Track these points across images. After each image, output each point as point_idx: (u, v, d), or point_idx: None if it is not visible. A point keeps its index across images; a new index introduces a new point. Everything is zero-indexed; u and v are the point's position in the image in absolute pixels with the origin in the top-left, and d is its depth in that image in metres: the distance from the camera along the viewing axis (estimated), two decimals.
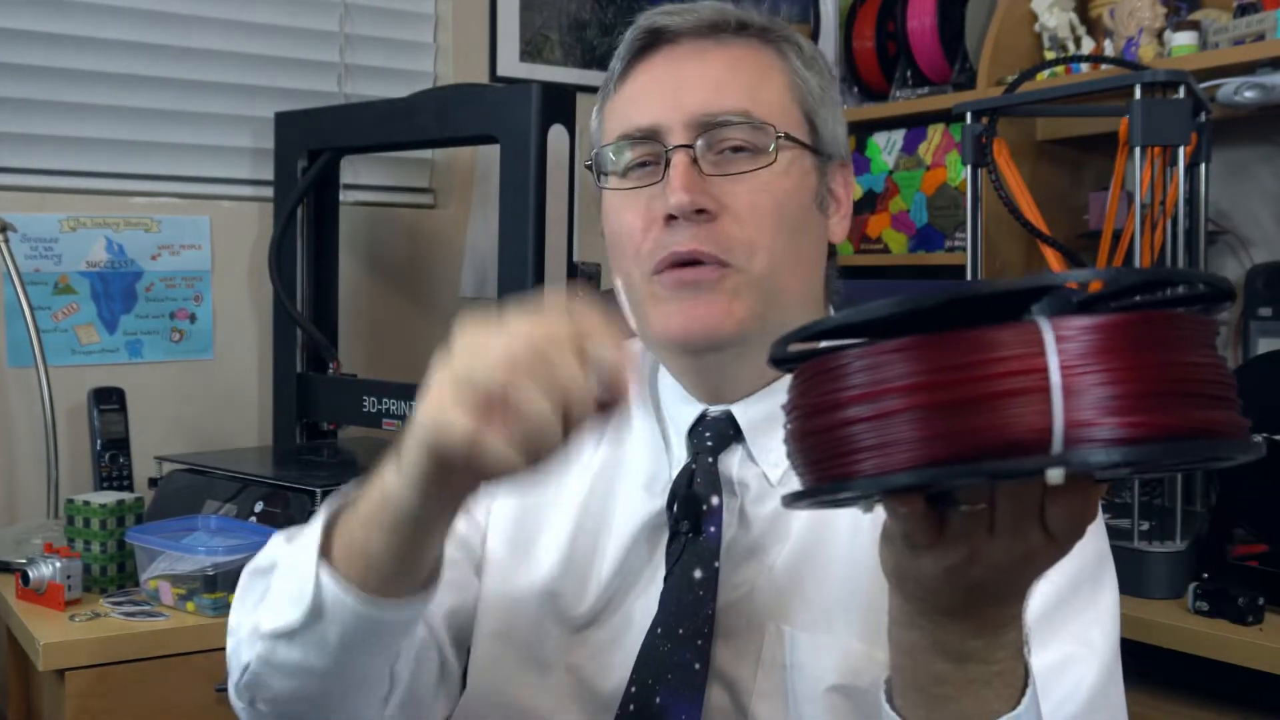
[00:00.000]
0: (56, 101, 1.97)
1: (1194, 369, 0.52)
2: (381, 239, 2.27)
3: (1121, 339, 0.51)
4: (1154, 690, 1.52)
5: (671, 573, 0.94)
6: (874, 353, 0.54)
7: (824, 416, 0.56)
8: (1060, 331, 0.51)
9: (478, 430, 0.65)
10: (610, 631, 0.96)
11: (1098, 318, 0.51)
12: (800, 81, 0.97)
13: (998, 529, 0.60)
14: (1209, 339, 0.54)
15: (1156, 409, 0.50)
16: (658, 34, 0.96)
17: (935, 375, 0.51)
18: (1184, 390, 0.51)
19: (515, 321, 0.67)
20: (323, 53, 2.21)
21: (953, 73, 2.34)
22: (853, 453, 0.54)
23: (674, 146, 0.92)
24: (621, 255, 0.96)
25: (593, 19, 2.46)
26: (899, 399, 0.52)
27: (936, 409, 0.51)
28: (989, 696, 0.69)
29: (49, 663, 1.42)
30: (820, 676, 0.89)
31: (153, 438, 1.97)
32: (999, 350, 0.51)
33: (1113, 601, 0.90)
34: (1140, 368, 0.51)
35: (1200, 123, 1.73)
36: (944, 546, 0.61)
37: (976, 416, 0.50)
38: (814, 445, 0.57)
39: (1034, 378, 0.50)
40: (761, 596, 0.93)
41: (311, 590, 0.78)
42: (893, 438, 0.52)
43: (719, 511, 0.94)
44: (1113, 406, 0.50)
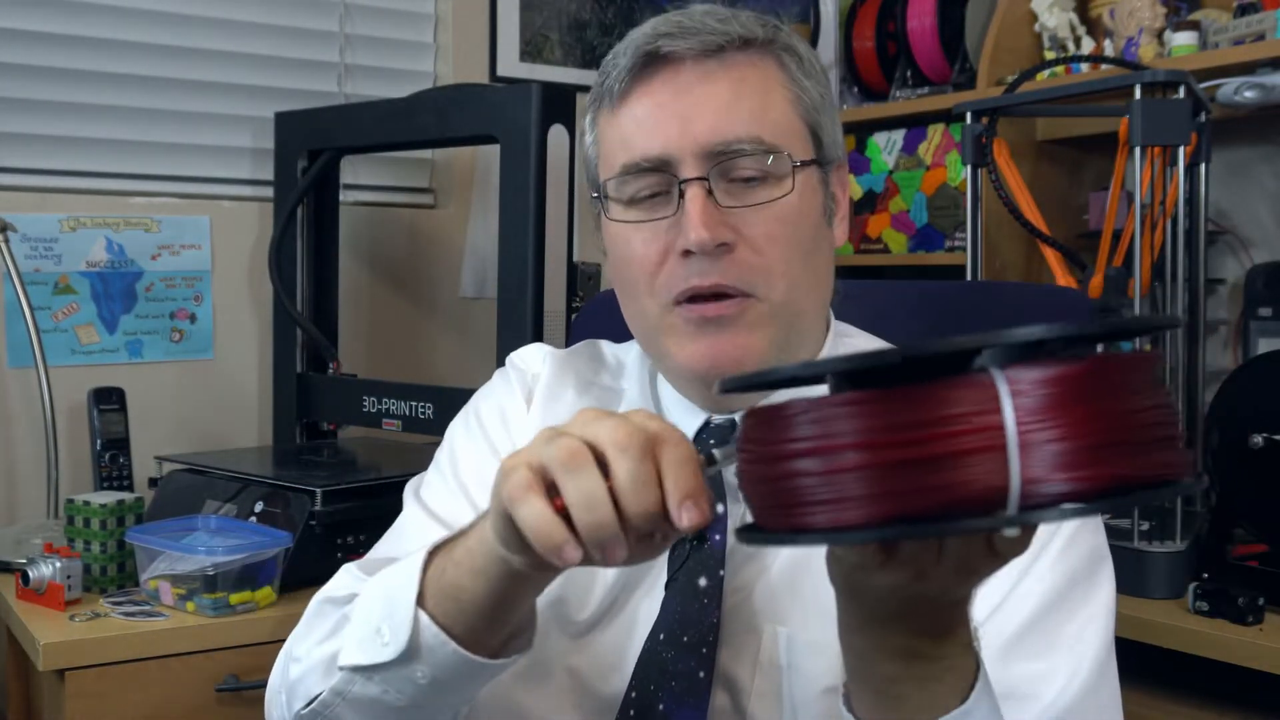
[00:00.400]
0: (56, 101, 1.97)
1: (1142, 414, 0.52)
2: (381, 239, 2.27)
3: (1073, 391, 0.50)
4: (1154, 690, 1.52)
5: (675, 579, 0.94)
6: (828, 404, 0.54)
7: (776, 465, 0.56)
8: (1014, 386, 0.50)
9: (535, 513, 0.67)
10: (612, 635, 0.96)
11: (1049, 369, 0.51)
12: (802, 93, 0.96)
13: (945, 556, 0.61)
14: (1156, 375, 0.54)
15: (1107, 461, 0.50)
16: (659, 57, 0.93)
17: (890, 433, 0.51)
18: (1134, 439, 0.52)
19: (620, 419, 0.68)
20: (323, 53, 2.21)
21: (953, 73, 2.34)
22: (805, 504, 0.54)
23: (688, 179, 0.91)
24: (634, 286, 0.95)
25: (593, 19, 2.46)
26: (853, 455, 0.52)
27: (892, 465, 0.51)
28: (941, 691, 0.69)
29: (49, 663, 1.42)
30: (816, 678, 0.89)
31: (153, 438, 1.97)
32: (954, 407, 0.51)
33: (1108, 599, 0.90)
34: (1091, 419, 0.50)
35: (1200, 123, 1.73)
36: (892, 567, 0.62)
37: (933, 474, 0.50)
38: (766, 491, 0.57)
39: (990, 435, 0.50)
40: (759, 599, 0.93)
41: (409, 631, 0.77)
42: (846, 493, 0.52)
43: (724, 520, 0.94)
44: (1066, 461, 0.50)
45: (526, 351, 1.12)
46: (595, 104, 0.99)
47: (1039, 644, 0.86)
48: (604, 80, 0.97)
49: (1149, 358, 0.54)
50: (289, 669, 0.90)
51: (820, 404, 0.54)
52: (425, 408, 1.81)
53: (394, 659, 0.78)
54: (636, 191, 0.94)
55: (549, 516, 0.66)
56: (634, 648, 0.94)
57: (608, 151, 0.97)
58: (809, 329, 0.95)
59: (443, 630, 0.76)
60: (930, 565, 0.61)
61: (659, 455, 0.66)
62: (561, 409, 1.05)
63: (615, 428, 0.66)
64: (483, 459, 1.04)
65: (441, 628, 0.77)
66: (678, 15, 0.95)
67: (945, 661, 0.68)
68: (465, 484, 1.04)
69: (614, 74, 0.95)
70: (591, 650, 0.96)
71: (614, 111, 0.95)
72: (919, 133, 2.33)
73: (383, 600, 0.80)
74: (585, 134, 1.01)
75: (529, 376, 1.09)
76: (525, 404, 1.07)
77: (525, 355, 1.12)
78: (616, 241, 0.97)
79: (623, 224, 0.95)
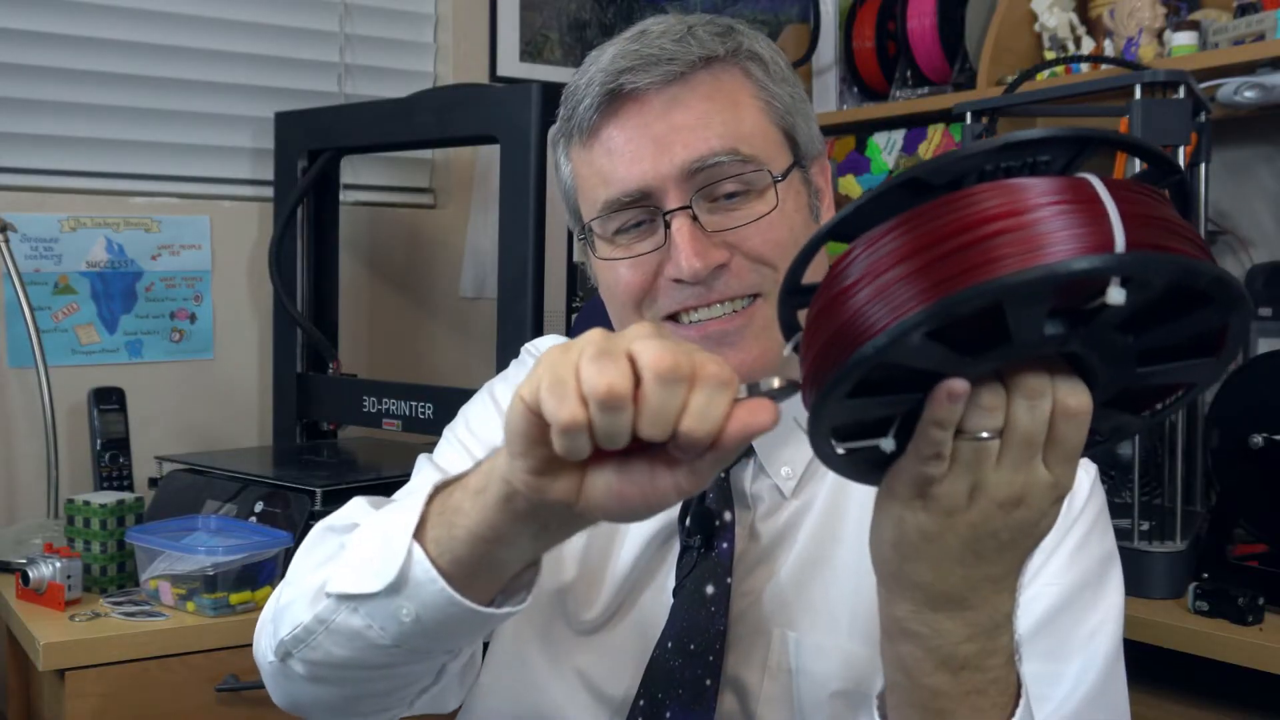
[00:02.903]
0: (56, 101, 1.97)
1: (1194, 229, 0.56)
2: (381, 239, 2.27)
3: (1143, 190, 0.55)
4: (1154, 690, 1.52)
5: (683, 586, 0.94)
6: (867, 239, 0.56)
7: (832, 313, 0.56)
8: (1105, 179, 0.54)
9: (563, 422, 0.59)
10: (619, 637, 0.96)
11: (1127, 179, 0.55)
12: (771, 99, 0.95)
13: (1004, 457, 0.60)
14: None
15: (1184, 241, 0.53)
16: (624, 94, 0.92)
17: (933, 234, 0.53)
18: (1196, 239, 0.55)
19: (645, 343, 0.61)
20: (323, 53, 2.21)
21: (953, 73, 2.34)
22: (863, 329, 0.55)
23: (672, 210, 0.90)
24: (622, 309, 0.95)
25: (593, 19, 2.46)
26: (899, 267, 0.54)
27: (941, 258, 0.53)
28: (985, 706, 0.69)
29: (49, 663, 1.42)
30: (825, 682, 0.89)
31: (153, 438, 1.97)
32: (1060, 188, 0.53)
33: (1118, 602, 0.91)
34: (1164, 211, 0.54)
35: (1200, 123, 1.73)
36: (950, 479, 0.61)
37: (1035, 236, 0.52)
38: (827, 342, 0.57)
39: (1093, 206, 0.53)
40: (768, 603, 0.93)
41: (400, 562, 0.72)
42: (897, 299, 0.53)
43: (731, 527, 0.94)
44: (1156, 228, 0.53)
45: (543, 341, 1.14)
46: (565, 137, 0.98)
47: (1050, 646, 0.86)
48: (571, 113, 0.95)
49: None
50: (281, 593, 0.86)
51: (863, 242, 0.56)
52: (425, 408, 1.81)
53: (381, 590, 0.73)
54: (622, 225, 0.93)
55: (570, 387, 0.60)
56: (642, 651, 0.94)
57: (586, 187, 0.96)
58: None
59: (434, 566, 0.72)
60: (987, 474, 0.61)
61: (692, 384, 0.60)
62: None
63: (660, 354, 0.59)
64: (497, 433, 1.04)
65: (433, 563, 0.72)
66: (634, 44, 0.93)
67: (991, 674, 0.68)
68: (475, 453, 1.03)
69: (580, 109, 0.94)
70: (599, 650, 0.96)
71: (587, 146, 0.94)
72: (919, 133, 2.33)
73: (381, 530, 0.76)
74: (560, 166, 1.00)
75: None
76: None
77: (542, 345, 1.13)
78: (604, 271, 0.96)
79: (611, 261, 0.94)
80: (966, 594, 0.66)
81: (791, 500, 0.95)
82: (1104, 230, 0.52)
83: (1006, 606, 0.68)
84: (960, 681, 0.68)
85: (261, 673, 0.88)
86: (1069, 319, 0.55)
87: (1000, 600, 0.67)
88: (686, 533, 0.95)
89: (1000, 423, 0.59)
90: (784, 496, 0.96)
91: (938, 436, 0.59)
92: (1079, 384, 0.59)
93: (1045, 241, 0.52)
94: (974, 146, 0.55)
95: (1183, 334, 0.57)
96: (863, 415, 0.61)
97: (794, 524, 0.95)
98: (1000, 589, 0.66)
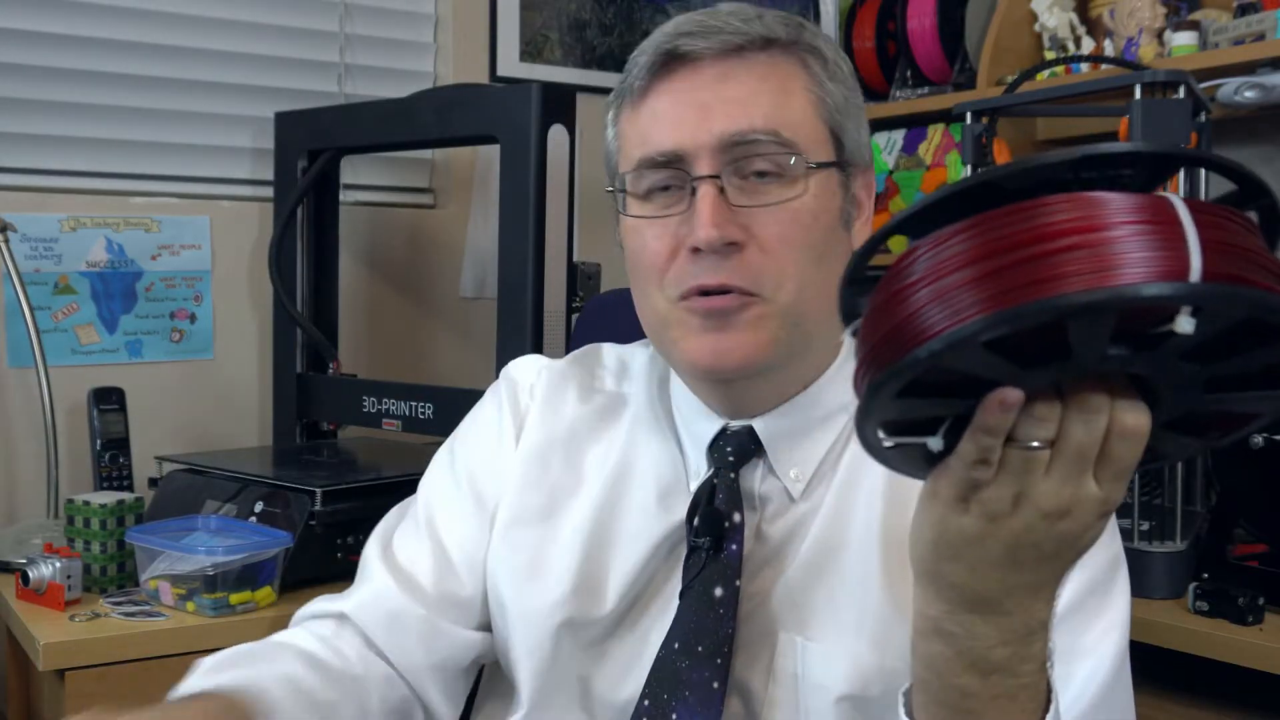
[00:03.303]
0: (56, 101, 1.97)
1: (1275, 258, 0.54)
2: (381, 239, 2.27)
3: (1227, 214, 0.52)
4: (1154, 690, 1.52)
5: (690, 588, 0.93)
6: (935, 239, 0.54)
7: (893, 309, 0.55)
8: (1188, 200, 0.52)
9: None
10: (625, 645, 0.96)
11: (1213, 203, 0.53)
12: (825, 95, 0.95)
13: (1054, 469, 0.59)
14: None
15: (1263, 272, 0.52)
16: (679, 56, 0.93)
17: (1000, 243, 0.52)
18: (1275, 269, 0.53)
19: None
20: (323, 53, 2.21)
21: (953, 73, 2.34)
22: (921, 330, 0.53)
23: (700, 176, 0.90)
24: (645, 279, 0.95)
25: (593, 19, 2.45)
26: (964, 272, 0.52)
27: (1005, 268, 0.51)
28: (1014, 711, 0.68)
29: (49, 663, 1.42)
30: (830, 686, 0.89)
31: (153, 438, 1.97)
32: (1141, 206, 0.51)
33: (1124, 605, 0.90)
34: (1244, 240, 0.52)
35: (1200, 123, 1.73)
36: (996, 485, 0.60)
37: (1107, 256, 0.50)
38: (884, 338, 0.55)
39: (1171, 228, 0.51)
40: (774, 607, 0.92)
41: None
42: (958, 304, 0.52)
43: (740, 529, 0.94)
44: (1245, 265, 0.51)
45: (523, 363, 1.12)
46: (618, 100, 0.99)
47: (1059, 648, 0.86)
48: (626, 77, 0.97)
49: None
50: None
51: (929, 240, 0.54)
52: (425, 408, 1.81)
53: None
54: (651, 185, 0.94)
55: None
56: (647, 656, 0.93)
57: (627, 147, 0.97)
58: (816, 333, 0.94)
59: None
60: (1034, 483, 0.60)
61: None
62: (563, 419, 1.05)
63: None
64: (465, 519, 1.06)
65: None
66: (702, 14, 0.95)
67: (1023, 679, 0.68)
68: (441, 539, 1.05)
69: (635, 71, 0.95)
70: (604, 659, 0.96)
71: (635, 108, 0.96)
72: (919, 133, 2.33)
73: None
74: (607, 129, 1.01)
75: (525, 389, 1.08)
76: (515, 430, 1.06)
77: (521, 366, 1.11)
78: (630, 235, 0.97)
79: (636, 219, 0.95)
80: (1003, 599, 0.65)
81: (799, 503, 0.95)
82: (1180, 256, 0.50)
83: (1043, 614, 0.67)
84: (990, 684, 0.67)
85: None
86: (1135, 342, 0.54)
87: (1037, 607, 0.66)
88: (695, 533, 0.94)
89: (1052, 434, 0.58)
90: (792, 499, 0.95)
91: (986, 443, 0.59)
92: (1139, 405, 0.58)
93: (1117, 262, 0.50)
94: (1053, 156, 0.53)
95: (1254, 365, 0.56)
96: (914, 413, 0.60)
97: (801, 527, 0.94)
98: (1038, 597, 0.66)
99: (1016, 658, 0.67)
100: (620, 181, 0.96)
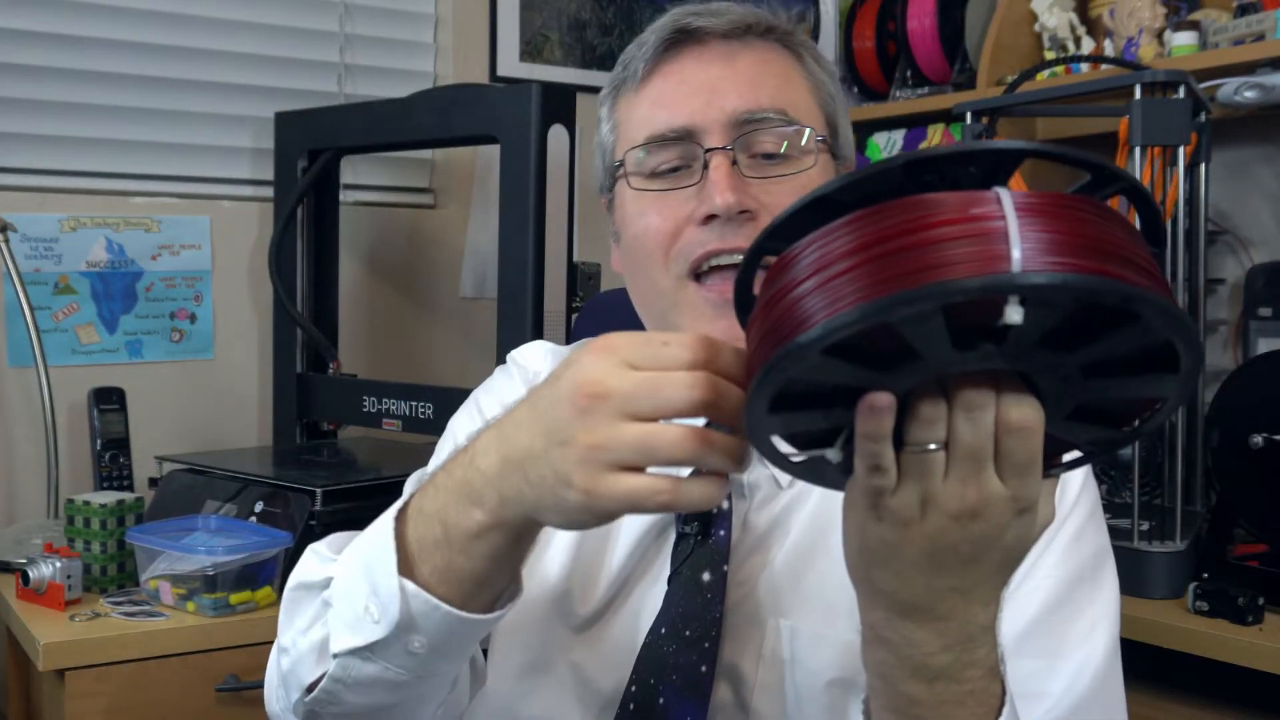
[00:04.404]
0: (56, 101, 1.97)
1: (1143, 252, 0.53)
2: (381, 239, 2.27)
3: (1074, 205, 0.52)
4: (1154, 690, 1.53)
5: (678, 574, 0.93)
6: (824, 231, 0.54)
7: (779, 300, 0.55)
8: (1017, 194, 0.52)
9: None
10: (614, 630, 0.96)
11: (1052, 192, 0.53)
12: (819, 85, 0.99)
13: (950, 468, 0.59)
14: (1134, 229, 0.55)
15: (1099, 258, 0.51)
16: (687, 33, 0.96)
17: (883, 233, 0.52)
18: (1120, 254, 0.52)
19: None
20: (323, 53, 2.21)
21: (953, 73, 2.34)
22: (803, 318, 0.53)
23: (712, 148, 0.92)
24: (648, 259, 0.96)
25: (593, 19, 2.46)
26: (847, 260, 0.52)
27: (884, 258, 0.51)
28: (963, 716, 0.68)
29: (49, 663, 1.42)
30: (820, 671, 0.89)
31: (153, 438, 1.97)
32: (946, 206, 0.52)
33: (1113, 598, 0.90)
34: (1080, 225, 0.52)
35: (1200, 123, 1.73)
36: (900, 491, 0.60)
37: (925, 256, 0.50)
38: (770, 328, 0.56)
39: (984, 223, 0.51)
40: (763, 592, 0.93)
41: (398, 603, 0.74)
42: (840, 293, 0.52)
43: (728, 515, 0.94)
44: (1074, 250, 0.50)
45: (528, 348, 1.13)
46: (614, 91, 1.01)
47: (1047, 642, 0.86)
48: (626, 65, 0.99)
49: (1122, 216, 0.55)
50: (280, 661, 0.88)
51: (819, 233, 0.54)
52: (425, 408, 1.81)
53: (389, 634, 0.75)
54: (658, 165, 0.95)
55: (652, 484, 0.65)
56: (636, 642, 0.94)
57: (629, 130, 0.98)
58: None
59: (432, 595, 0.74)
60: (935, 486, 0.59)
61: None
62: None
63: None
64: None
65: (429, 591, 0.74)
66: (700, 6, 0.98)
67: (967, 685, 0.67)
68: None
69: (639, 54, 0.97)
70: (593, 644, 0.96)
71: (637, 91, 0.98)
72: (919, 133, 2.33)
73: (363, 577, 0.77)
74: (601, 124, 1.02)
75: (530, 373, 1.09)
76: None
77: (527, 352, 1.12)
78: (632, 216, 0.97)
79: (639, 195, 0.96)
80: (933, 604, 0.64)
81: (787, 490, 0.96)
82: (1000, 250, 0.50)
83: (982, 619, 0.66)
84: (935, 691, 0.67)
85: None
86: (985, 336, 0.53)
87: (972, 612, 0.65)
88: (683, 520, 0.95)
89: (943, 435, 0.58)
90: (780, 486, 0.96)
91: (871, 449, 0.58)
92: (1025, 399, 0.57)
93: (936, 261, 0.50)
94: (878, 165, 0.54)
95: (1121, 350, 0.54)
96: (809, 426, 0.61)
97: (788, 513, 0.95)
98: (970, 600, 0.65)
99: (959, 664, 0.66)
100: (622, 161, 0.97)
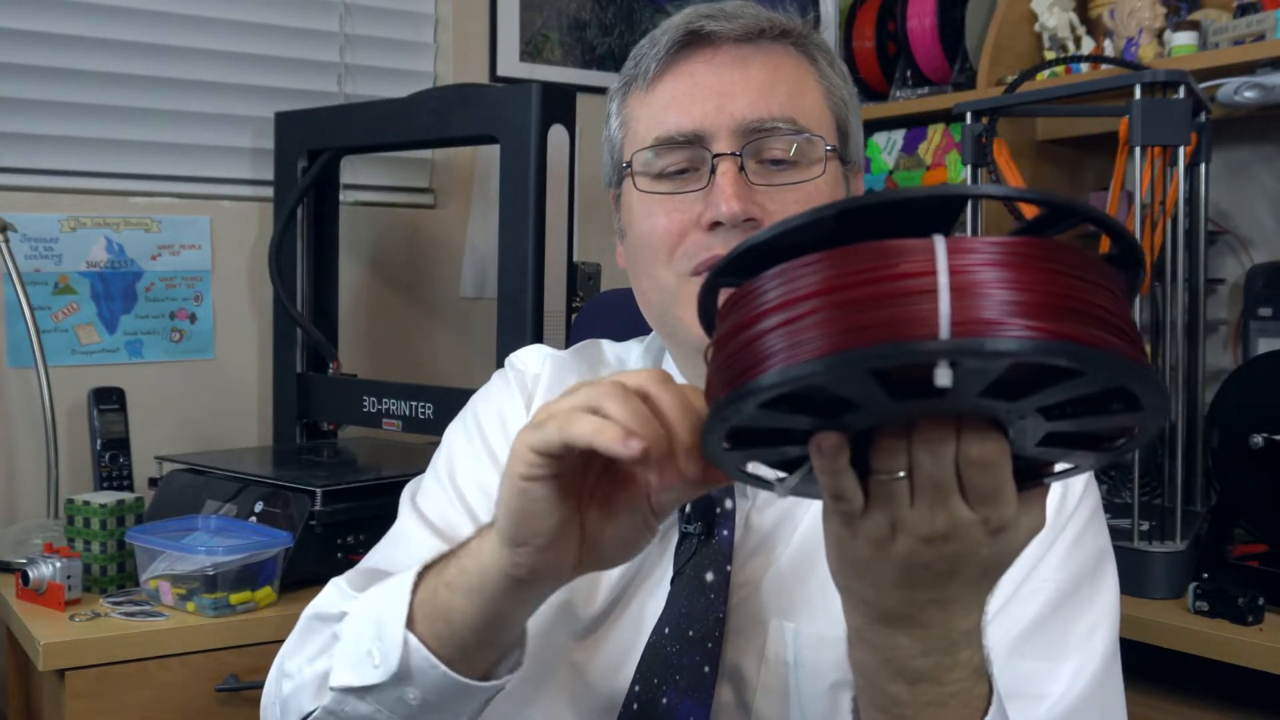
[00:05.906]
0: (56, 101, 1.97)
1: (1090, 294, 0.51)
2: (381, 239, 2.27)
3: (1016, 253, 0.50)
4: (1154, 690, 1.52)
5: (681, 573, 0.93)
6: (791, 267, 0.53)
7: (742, 333, 0.55)
8: (953, 244, 0.50)
9: None
10: (618, 632, 0.96)
11: (994, 237, 0.51)
12: (833, 89, 0.98)
13: (916, 496, 0.59)
14: (1114, 283, 0.53)
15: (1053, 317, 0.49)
16: (699, 36, 0.95)
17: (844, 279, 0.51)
18: (1080, 309, 0.49)
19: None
20: (323, 53, 2.21)
21: (953, 73, 2.34)
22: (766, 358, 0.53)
23: (720, 154, 0.92)
24: (653, 257, 0.96)
25: (593, 19, 2.45)
26: (810, 302, 0.51)
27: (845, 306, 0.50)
28: (946, 717, 0.68)
29: (49, 663, 1.42)
30: (823, 673, 0.89)
31: (153, 438, 1.97)
32: (901, 253, 0.50)
33: (1113, 599, 0.90)
34: (1035, 279, 0.49)
35: (1200, 123, 1.73)
36: (871, 514, 0.60)
37: (879, 310, 0.49)
38: (730, 362, 0.55)
39: (924, 280, 0.49)
40: (766, 593, 0.93)
41: (399, 654, 0.77)
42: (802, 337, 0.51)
43: (731, 515, 0.94)
44: (1007, 309, 0.48)
45: (526, 353, 1.12)
46: (625, 87, 1.00)
47: (1047, 643, 0.86)
48: (637, 63, 0.99)
49: (1108, 267, 0.53)
50: (281, 684, 0.90)
51: (785, 268, 0.53)
52: (425, 408, 1.81)
53: (385, 681, 0.78)
54: (666, 167, 0.95)
55: (604, 422, 0.65)
56: (639, 644, 0.93)
57: (638, 129, 0.98)
58: None
59: (433, 653, 0.77)
60: (903, 512, 0.59)
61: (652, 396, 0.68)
62: None
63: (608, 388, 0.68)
64: (481, 466, 1.04)
65: (431, 650, 0.77)
66: (714, 7, 0.97)
67: (950, 687, 0.67)
68: (463, 492, 1.03)
69: (651, 53, 0.97)
70: (597, 647, 0.96)
71: (648, 90, 0.97)
72: (919, 133, 2.33)
73: (373, 621, 0.80)
74: (610, 118, 1.02)
75: (529, 378, 1.09)
76: (525, 407, 1.07)
77: (525, 356, 1.12)
78: (638, 215, 0.97)
79: (649, 195, 0.96)
80: (913, 614, 0.65)
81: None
82: (923, 312, 0.48)
83: (964, 625, 0.66)
84: (917, 693, 0.67)
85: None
86: (924, 390, 0.51)
87: (954, 620, 0.65)
88: (686, 519, 0.95)
89: (905, 464, 0.58)
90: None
91: (829, 481, 0.59)
92: (986, 434, 0.56)
93: (856, 324, 0.49)
94: (805, 215, 0.52)
95: (1076, 394, 0.52)
96: (767, 459, 0.62)
97: (792, 515, 0.95)
98: (950, 610, 0.65)
99: (941, 667, 0.67)
100: (630, 162, 0.97)
